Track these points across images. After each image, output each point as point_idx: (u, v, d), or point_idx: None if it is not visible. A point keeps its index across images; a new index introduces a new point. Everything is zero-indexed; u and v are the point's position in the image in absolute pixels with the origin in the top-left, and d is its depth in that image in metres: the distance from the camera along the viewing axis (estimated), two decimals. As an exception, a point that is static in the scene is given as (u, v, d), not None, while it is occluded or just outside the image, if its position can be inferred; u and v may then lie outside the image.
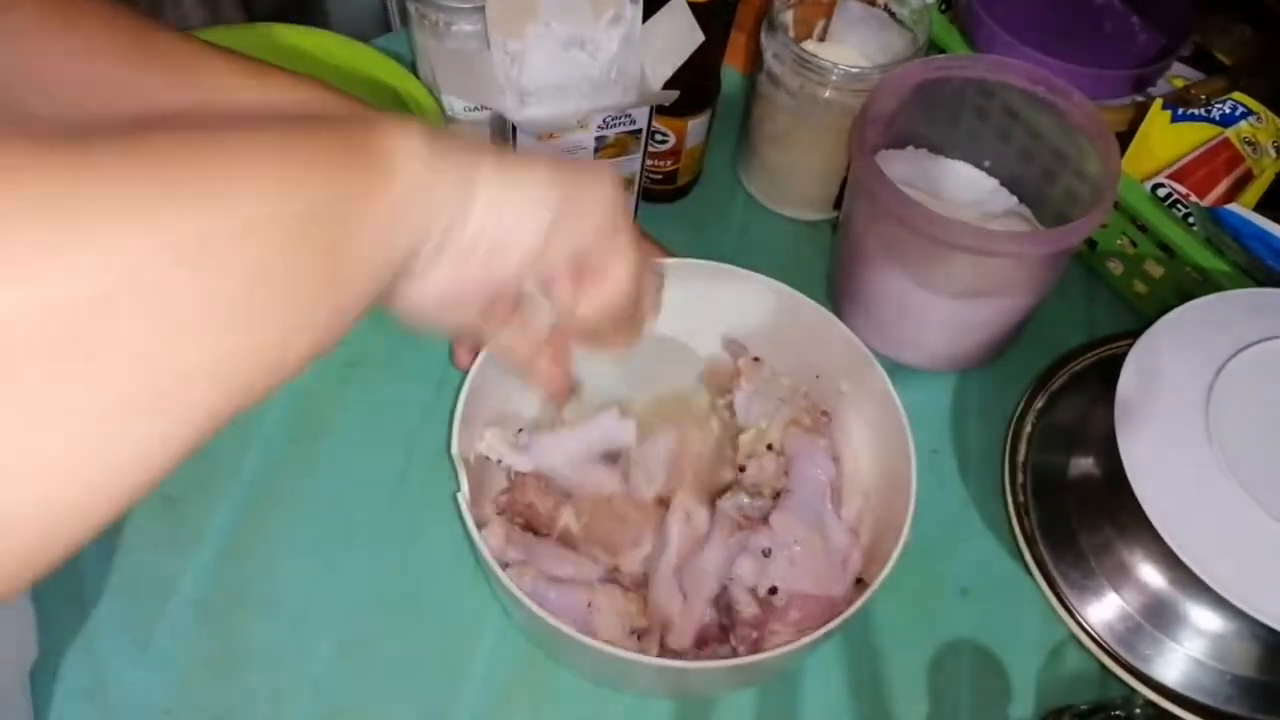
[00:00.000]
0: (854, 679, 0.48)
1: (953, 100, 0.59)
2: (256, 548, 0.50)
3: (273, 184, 0.22)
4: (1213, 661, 0.46)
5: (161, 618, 0.47)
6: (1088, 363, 0.56)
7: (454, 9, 0.57)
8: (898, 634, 0.49)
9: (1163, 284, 0.59)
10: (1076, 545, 0.50)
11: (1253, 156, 0.59)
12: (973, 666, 0.49)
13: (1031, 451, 0.53)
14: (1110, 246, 0.61)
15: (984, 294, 0.54)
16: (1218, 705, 0.46)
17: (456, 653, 0.48)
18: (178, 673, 0.46)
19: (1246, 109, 0.60)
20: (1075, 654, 0.49)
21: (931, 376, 0.58)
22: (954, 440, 0.57)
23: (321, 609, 0.48)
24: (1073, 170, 0.56)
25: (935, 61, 0.56)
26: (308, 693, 0.46)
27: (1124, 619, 0.48)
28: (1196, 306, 0.50)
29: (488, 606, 0.49)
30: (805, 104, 0.59)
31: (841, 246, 0.59)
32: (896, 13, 0.60)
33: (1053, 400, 0.55)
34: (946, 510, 0.54)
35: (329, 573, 0.50)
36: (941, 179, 0.61)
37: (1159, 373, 0.47)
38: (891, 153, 0.60)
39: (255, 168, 0.22)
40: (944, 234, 0.49)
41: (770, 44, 0.59)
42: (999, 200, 0.61)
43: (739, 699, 0.47)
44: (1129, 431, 0.45)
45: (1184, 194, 0.58)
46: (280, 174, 0.22)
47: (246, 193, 0.21)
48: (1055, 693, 0.48)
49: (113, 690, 0.45)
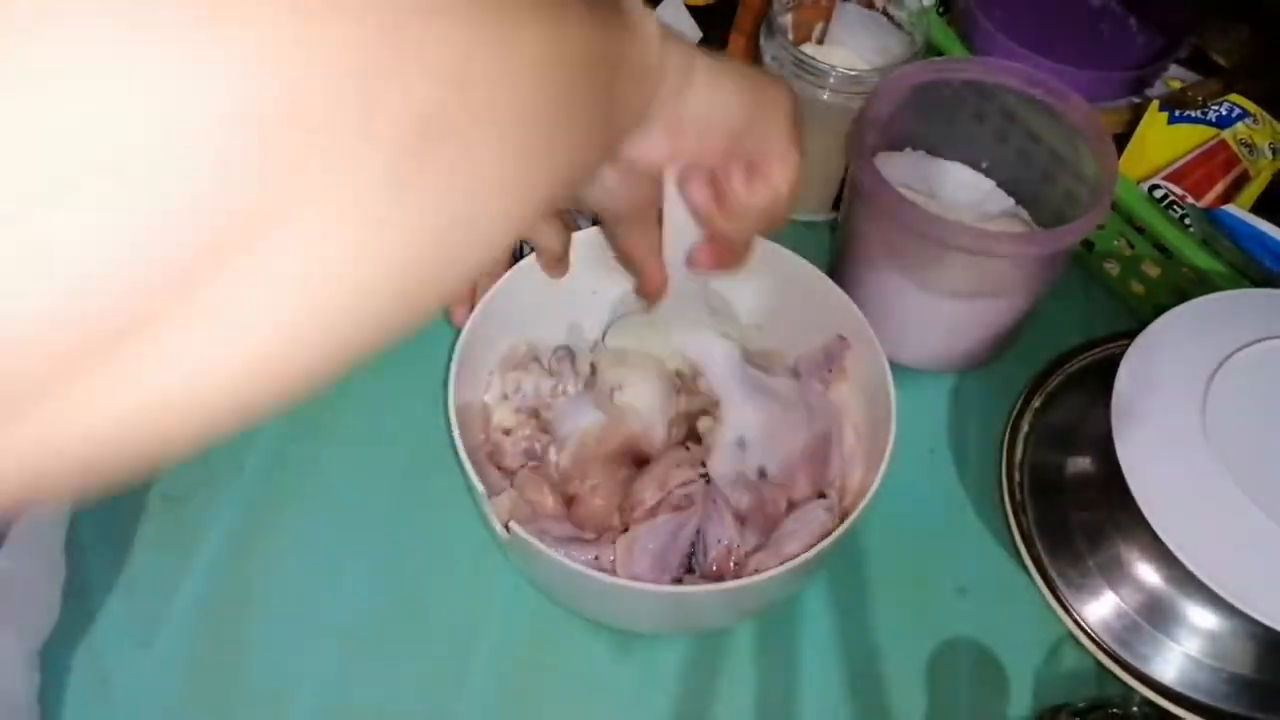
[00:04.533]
0: (851, 677, 0.48)
1: (951, 102, 0.59)
2: (259, 546, 0.50)
3: (572, 23, 0.23)
4: (1210, 660, 0.47)
5: (164, 616, 0.48)
6: (1085, 363, 0.57)
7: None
8: (895, 633, 0.50)
9: (1159, 284, 0.59)
10: (1074, 544, 0.50)
11: (1249, 158, 0.59)
12: (970, 665, 0.49)
13: (1029, 451, 0.53)
14: (1107, 247, 0.61)
15: (982, 295, 0.54)
16: (1215, 704, 0.46)
17: (460, 651, 0.48)
18: (181, 671, 0.46)
19: (1243, 111, 0.61)
20: (1072, 653, 0.49)
21: (929, 377, 0.59)
22: (951, 440, 0.57)
23: (324, 606, 0.49)
24: (1070, 172, 0.56)
25: (933, 64, 0.56)
26: (311, 690, 0.46)
27: (1121, 618, 0.48)
28: (1193, 307, 0.50)
29: (491, 605, 0.49)
30: (803, 106, 0.58)
31: (840, 248, 0.59)
32: (894, 16, 0.61)
33: (1050, 400, 0.55)
34: (943, 510, 0.54)
35: (331, 570, 0.50)
36: (939, 181, 0.61)
37: (1156, 373, 0.47)
38: (890, 155, 0.60)
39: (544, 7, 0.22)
40: (942, 235, 0.49)
41: (769, 47, 0.59)
42: (996, 201, 0.61)
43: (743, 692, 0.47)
44: (1126, 431, 0.45)
45: (1181, 195, 0.58)
46: (568, 15, 0.23)
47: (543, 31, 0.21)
48: (1053, 691, 0.48)
49: (115, 688, 0.46)
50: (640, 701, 0.47)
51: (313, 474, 0.53)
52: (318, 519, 0.51)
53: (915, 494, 0.54)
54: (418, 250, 0.18)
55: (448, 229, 0.19)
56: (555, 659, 0.48)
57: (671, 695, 0.47)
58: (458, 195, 0.18)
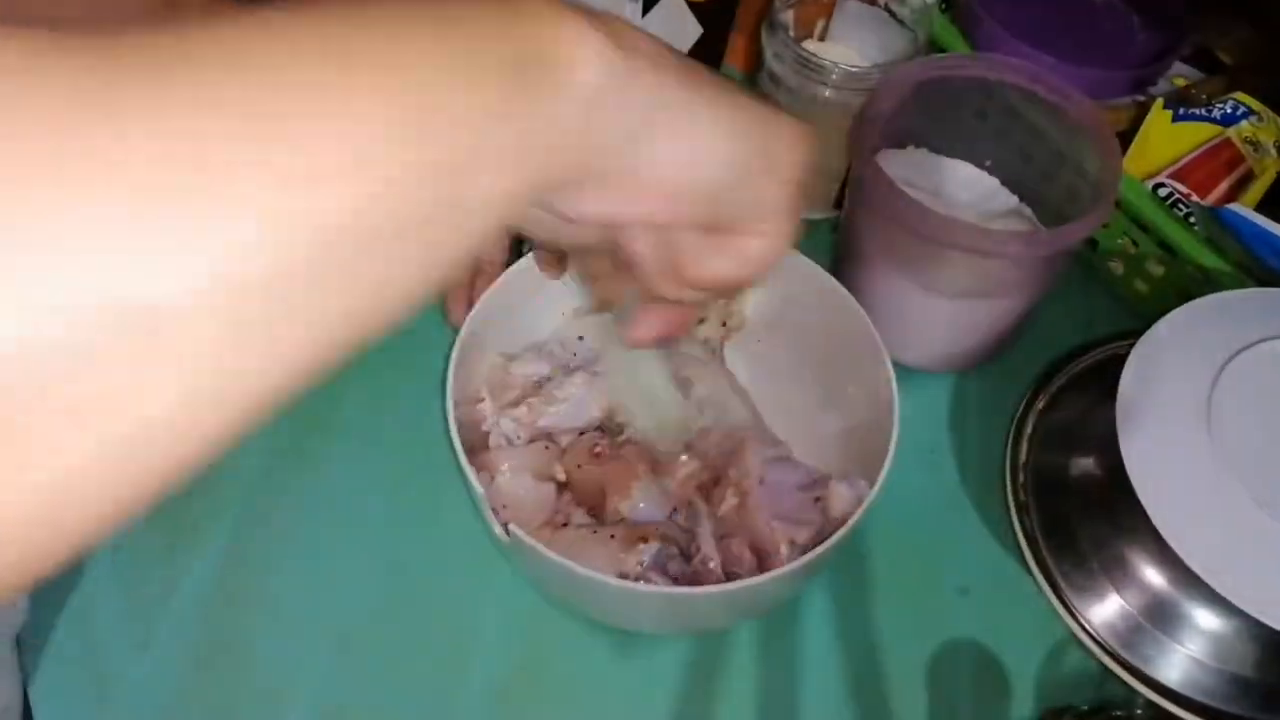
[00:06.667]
0: (853, 677, 0.48)
1: (953, 100, 0.59)
2: (258, 546, 0.50)
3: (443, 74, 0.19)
4: (1214, 662, 0.46)
5: (162, 617, 0.47)
6: (1088, 363, 0.56)
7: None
8: (896, 633, 0.49)
9: (1164, 284, 0.59)
10: (1077, 545, 0.50)
11: (1254, 156, 0.59)
12: (972, 666, 0.49)
13: (1032, 451, 0.53)
14: (1111, 246, 0.61)
15: (984, 294, 0.54)
16: (1219, 705, 0.46)
17: (459, 651, 0.48)
18: (180, 671, 0.46)
19: (1248, 108, 0.60)
20: (1076, 654, 0.49)
21: (931, 377, 0.58)
22: (954, 440, 0.57)
23: (324, 607, 0.49)
24: (1073, 170, 0.56)
25: (935, 61, 0.56)
26: (310, 690, 0.46)
27: (1125, 619, 0.48)
28: (1198, 306, 0.50)
29: (490, 605, 0.49)
30: (805, 103, 0.59)
31: (841, 246, 0.59)
32: (897, 12, 0.60)
33: (1053, 400, 0.55)
34: (945, 510, 0.54)
35: (330, 571, 0.50)
36: (942, 179, 0.61)
37: (1160, 372, 0.47)
38: (891, 152, 0.60)
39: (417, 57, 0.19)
40: (944, 234, 0.49)
41: (770, 43, 0.59)
42: (999, 200, 0.61)
43: (743, 693, 0.47)
44: (1130, 431, 0.45)
45: (1185, 193, 0.58)
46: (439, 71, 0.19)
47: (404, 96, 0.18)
48: (1055, 693, 0.48)
49: (114, 689, 0.45)
50: (640, 702, 0.47)
51: (312, 474, 0.52)
52: (317, 519, 0.51)
53: (917, 494, 0.53)
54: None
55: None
56: (555, 659, 0.48)
57: (671, 695, 0.47)
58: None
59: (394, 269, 0.19)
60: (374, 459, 0.53)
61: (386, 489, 0.52)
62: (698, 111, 0.25)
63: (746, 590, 0.41)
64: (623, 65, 0.22)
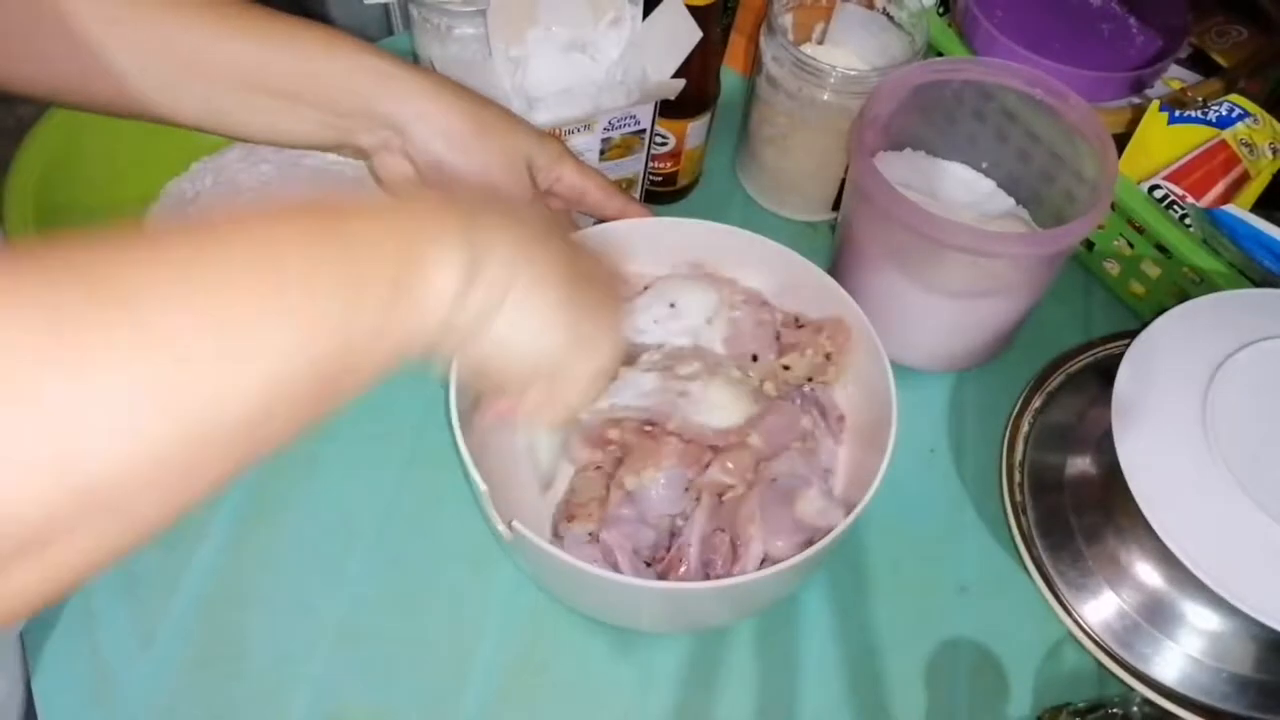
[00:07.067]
0: (851, 675, 0.48)
1: (951, 102, 0.59)
2: (258, 545, 0.50)
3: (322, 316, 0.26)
4: (1210, 660, 0.47)
5: (164, 616, 0.48)
6: (1085, 363, 0.57)
7: (456, 13, 0.57)
8: (895, 632, 0.50)
9: (1160, 284, 0.59)
10: (1074, 544, 0.50)
11: (1249, 158, 0.59)
12: (970, 665, 0.49)
13: (1029, 451, 0.53)
14: (1107, 247, 0.61)
15: (982, 295, 0.54)
16: (1215, 703, 0.46)
17: (460, 650, 0.48)
18: (180, 670, 0.46)
19: (1243, 111, 0.61)
20: (1073, 652, 0.49)
21: (929, 376, 0.59)
22: (951, 440, 0.57)
23: (324, 606, 0.49)
24: (1070, 172, 0.56)
25: (933, 64, 0.56)
26: (310, 689, 0.46)
27: (1121, 617, 0.48)
28: (1193, 307, 0.50)
29: (491, 603, 0.49)
30: (804, 106, 0.59)
31: (840, 248, 0.59)
32: (895, 16, 0.61)
33: (1050, 400, 0.55)
34: (944, 509, 0.54)
35: (331, 570, 0.50)
36: (939, 181, 0.61)
37: (1156, 373, 0.47)
38: (890, 155, 0.61)
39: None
40: (942, 235, 0.49)
41: (769, 46, 0.59)
42: (997, 202, 0.61)
43: (743, 691, 0.47)
44: (1126, 431, 0.46)
45: (1181, 195, 0.58)
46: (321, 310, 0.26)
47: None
48: (1053, 691, 0.48)
49: (115, 688, 0.46)
50: (640, 701, 0.47)
51: (313, 473, 0.53)
52: (318, 518, 0.51)
53: (915, 493, 0.54)
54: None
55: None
56: (555, 658, 0.48)
57: (671, 695, 0.47)
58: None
59: (280, 428, 0.26)
60: (375, 457, 0.53)
61: (387, 487, 0.53)
62: (530, 302, 0.32)
63: (744, 586, 0.41)
64: (474, 273, 0.30)
